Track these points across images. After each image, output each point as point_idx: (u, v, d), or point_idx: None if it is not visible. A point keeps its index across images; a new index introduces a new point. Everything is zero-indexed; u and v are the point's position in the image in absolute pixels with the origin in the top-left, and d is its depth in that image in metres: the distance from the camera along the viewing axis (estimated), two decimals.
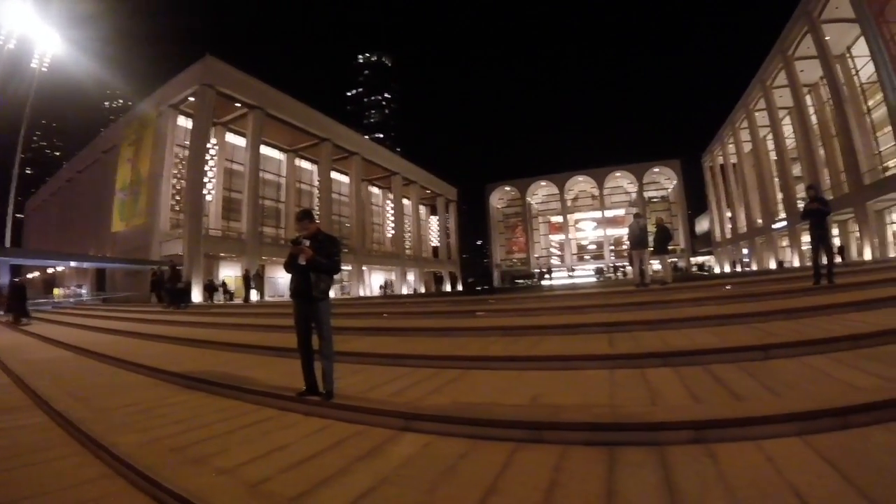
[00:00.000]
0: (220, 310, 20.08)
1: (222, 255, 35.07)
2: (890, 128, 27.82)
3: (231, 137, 40.07)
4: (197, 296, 28.77)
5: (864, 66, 31.71)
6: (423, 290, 56.94)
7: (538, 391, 4.30)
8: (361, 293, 45.58)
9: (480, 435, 3.47)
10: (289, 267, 4.57)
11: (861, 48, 30.11)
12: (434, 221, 72.80)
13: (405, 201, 60.33)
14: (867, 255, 29.92)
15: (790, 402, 3.40)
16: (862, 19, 27.45)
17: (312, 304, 4.51)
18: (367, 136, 68.95)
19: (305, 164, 48.63)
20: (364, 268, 47.89)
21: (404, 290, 53.51)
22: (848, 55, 33.35)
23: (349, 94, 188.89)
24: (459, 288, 50.76)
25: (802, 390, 3.71)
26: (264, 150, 40.36)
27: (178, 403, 5.19)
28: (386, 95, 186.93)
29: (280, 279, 37.04)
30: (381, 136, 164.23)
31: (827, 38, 32.09)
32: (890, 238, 30.99)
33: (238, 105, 35.98)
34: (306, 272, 4.50)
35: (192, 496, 2.68)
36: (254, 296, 27.10)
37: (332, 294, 4.91)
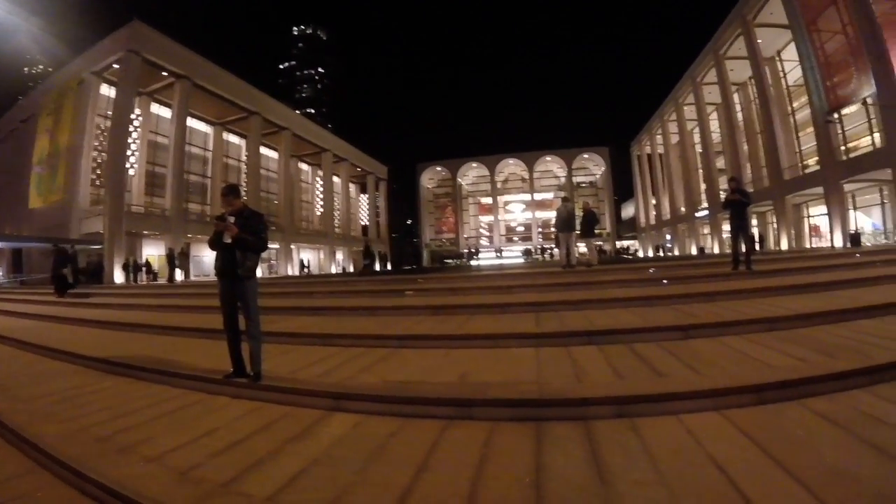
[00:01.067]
0: (144, 291, 19.13)
1: (145, 232, 32.67)
2: (812, 129, 29.92)
3: (156, 108, 37.28)
4: (119, 276, 27.75)
5: (791, 70, 33.98)
6: (352, 269, 56.23)
7: (467, 369, 4.35)
8: (290, 272, 44.48)
9: (410, 413, 3.50)
10: (213, 244, 4.42)
11: (791, 53, 32.08)
12: (364, 200, 71.91)
13: (335, 179, 58.85)
14: (784, 245, 32.47)
15: (709, 380, 3.59)
16: (794, 26, 29.12)
17: (238, 283, 4.38)
18: (298, 111, 66.50)
19: (234, 139, 46.35)
20: (292, 246, 46.62)
21: (333, 269, 53.39)
22: (777, 59, 35.61)
23: (282, 66, 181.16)
24: (389, 267, 50.43)
25: (721, 368, 3.93)
26: (191, 122, 37.91)
27: (102, 390, 4.90)
28: (320, 70, 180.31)
29: (206, 258, 35.20)
30: (313, 111, 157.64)
31: (759, 41, 33.90)
32: (805, 230, 34.00)
33: (165, 74, 33.41)
34: (231, 250, 4.34)
35: (121, 487, 2.58)
36: (178, 275, 26.20)
37: (259, 273, 4.72)
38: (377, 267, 41.57)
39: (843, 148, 27.72)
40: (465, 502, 2.23)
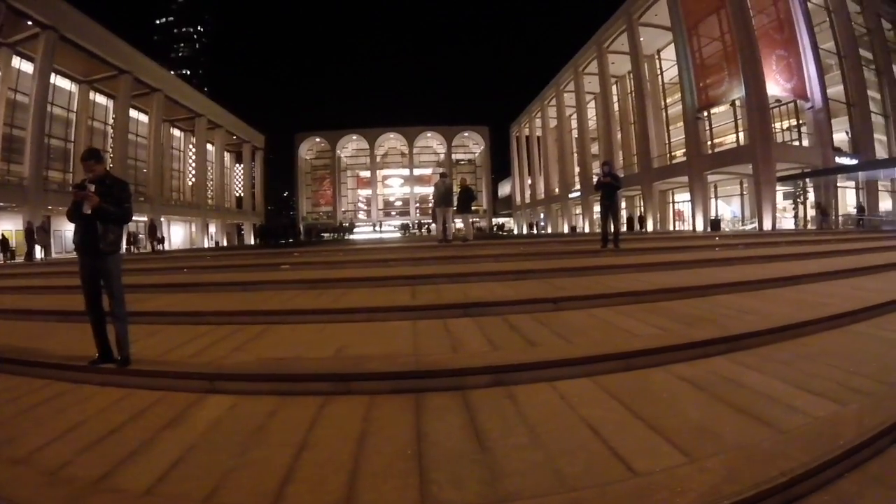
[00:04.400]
0: None
1: (1, 204, 28.60)
2: (682, 123, 33.39)
3: (16, 62, 32.12)
4: None
5: (669, 69, 37.60)
6: (225, 242, 53.34)
7: (344, 343, 4.31)
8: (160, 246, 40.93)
9: (288, 391, 3.43)
10: (72, 216, 4.02)
11: (669, 53, 35.45)
12: (239, 170, 67.89)
13: (209, 147, 54.96)
14: (650, 226, 36.20)
15: (580, 348, 3.84)
16: (676, 29, 32.09)
17: (100, 258, 3.99)
18: (172, 72, 60.89)
19: (101, 99, 41.10)
20: (162, 218, 42.84)
21: (206, 243, 50.14)
22: (657, 57, 39.40)
23: (158, 22, 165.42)
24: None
25: (590, 337, 4.21)
26: (54, 79, 33.29)
27: None
28: (199, 29, 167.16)
29: (68, 232, 31.15)
30: (188, 72, 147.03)
31: (642, 39, 37.17)
32: (670, 214, 38.60)
33: (30, 23, 28.87)
34: (92, 222, 3.92)
35: None
36: (38, 253, 24.61)
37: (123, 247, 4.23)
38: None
39: (709, 143, 31.57)
40: (349, 477, 2.22)
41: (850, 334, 4.45)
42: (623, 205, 39.75)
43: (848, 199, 30.39)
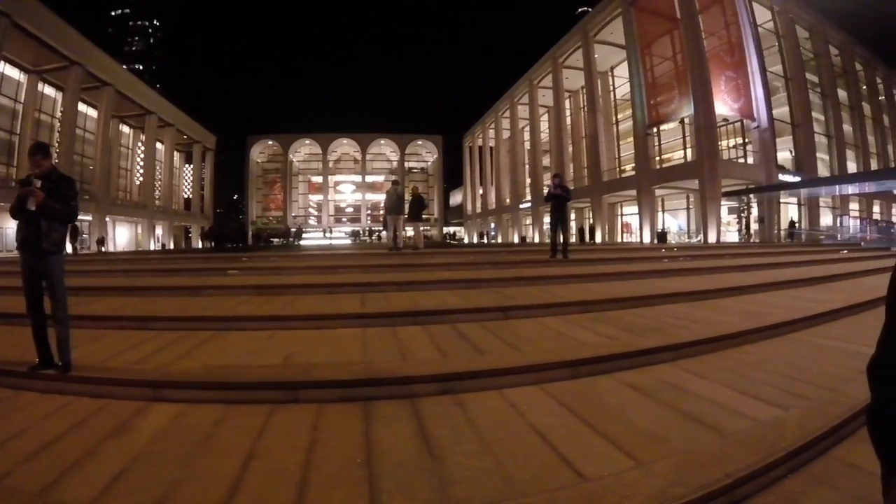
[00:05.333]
0: None
1: None
2: (632, 139, 34.78)
3: None
4: None
5: (621, 86, 39.28)
6: (171, 245, 51.63)
7: (292, 351, 4.24)
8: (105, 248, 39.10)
9: (235, 399, 3.35)
10: (15, 212, 3.90)
11: (623, 70, 37.10)
12: (189, 171, 65.85)
13: (158, 145, 53.08)
14: (598, 238, 37.34)
15: (528, 356, 3.89)
16: (630, 48, 33.45)
17: (42, 258, 3.84)
18: (125, 66, 58.77)
19: (49, 90, 39.03)
20: (108, 218, 41.02)
21: (152, 246, 48.55)
22: (610, 74, 41.09)
23: (114, 13, 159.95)
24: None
25: (539, 346, 4.27)
26: (2, 67, 31.64)
27: None
28: (155, 23, 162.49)
29: (9, 230, 29.41)
30: (141, 67, 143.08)
31: (596, 55, 38.67)
32: (619, 226, 39.94)
33: None
34: (36, 219, 3.78)
35: None
36: None
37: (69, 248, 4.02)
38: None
39: (657, 158, 33.05)
40: (298, 488, 2.18)
41: (792, 342, 4.66)
42: (573, 216, 40.95)
43: (790, 215, 32.08)
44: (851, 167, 37.09)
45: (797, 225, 30.43)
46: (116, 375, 3.68)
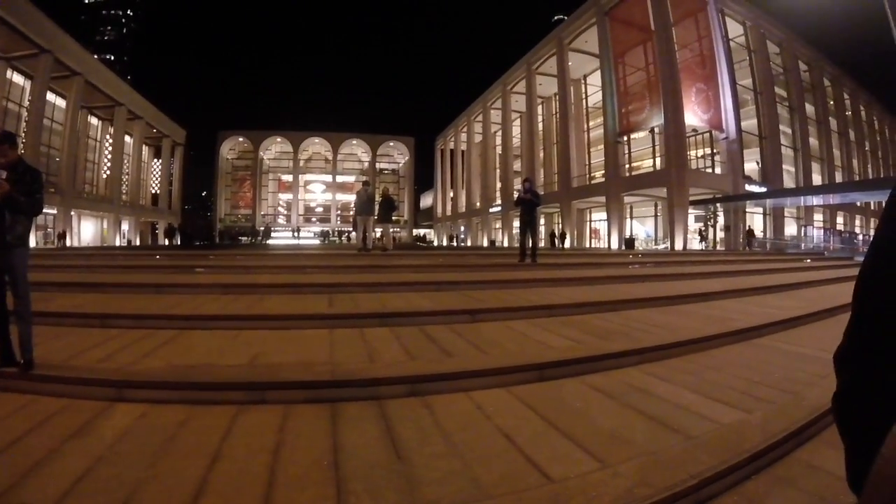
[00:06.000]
0: None
1: None
2: (602, 146, 35.75)
3: None
4: None
5: (593, 94, 40.26)
6: (138, 241, 50.57)
7: (259, 351, 4.19)
8: (69, 242, 37.89)
9: (200, 399, 3.29)
10: None
11: (595, 79, 37.87)
12: (157, 165, 64.39)
13: (127, 138, 51.77)
14: (567, 243, 37.83)
15: (495, 359, 3.91)
16: (603, 57, 34.36)
17: (5, 252, 3.71)
18: (96, 56, 57.10)
19: (18, 78, 37.54)
20: (73, 212, 39.81)
21: (117, 241, 47.46)
22: (583, 81, 42.05)
23: (87, 0, 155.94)
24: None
25: (505, 349, 4.29)
26: None
27: None
28: (129, 13, 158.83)
29: None
30: (112, 58, 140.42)
31: (570, 63, 39.57)
32: (587, 232, 40.96)
33: None
34: (0, 212, 3.65)
35: None
36: None
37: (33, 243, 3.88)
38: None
39: (627, 166, 33.93)
40: (264, 489, 2.15)
41: (755, 347, 4.78)
42: (542, 221, 41.64)
43: (753, 224, 32.99)
44: (816, 179, 38.66)
45: (755, 234, 31.33)
46: (80, 374, 3.59)
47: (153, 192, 63.53)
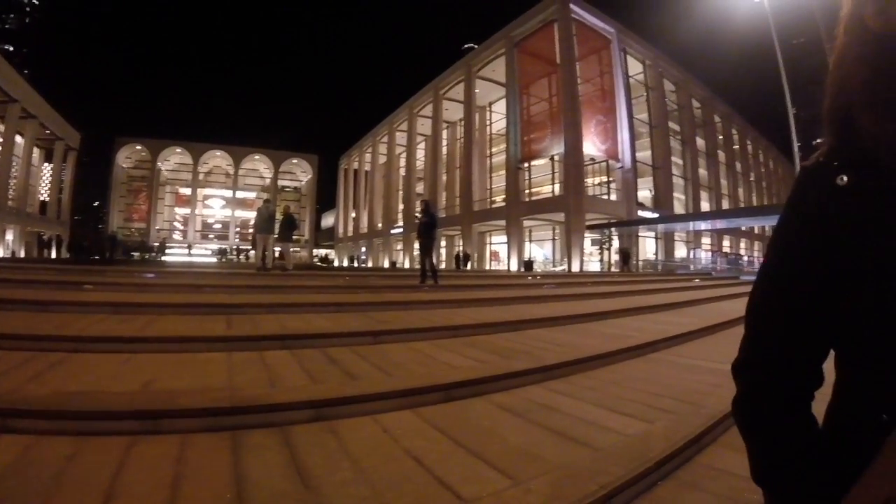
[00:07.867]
0: None
1: None
2: (504, 172, 37.38)
3: None
4: None
5: (498, 121, 42.13)
6: (23, 253, 45.84)
7: (152, 376, 3.88)
8: None
9: (89, 430, 2.99)
10: None
11: (500, 107, 39.87)
12: (48, 171, 58.83)
13: (17, 139, 46.92)
14: (469, 266, 38.70)
15: (400, 381, 3.86)
16: (509, 86, 36.12)
17: None
18: None
19: None
20: None
21: (0, 252, 42.62)
22: (488, 108, 43.71)
23: None
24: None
25: (410, 370, 4.27)
26: None
27: None
28: (34, 1, 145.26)
29: None
30: (11, 49, 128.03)
31: (477, 90, 41.09)
32: (487, 254, 42.44)
33: None
34: None
35: None
36: None
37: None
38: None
39: (527, 191, 35.38)
40: None
41: (653, 362, 5.05)
42: (443, 243, 42.75)
43: (648, 248, 35.30)
44: (705, 206, 42.46)
45: (630, 256, 33.46)
46: None
47: (42, 199, 58.17)
